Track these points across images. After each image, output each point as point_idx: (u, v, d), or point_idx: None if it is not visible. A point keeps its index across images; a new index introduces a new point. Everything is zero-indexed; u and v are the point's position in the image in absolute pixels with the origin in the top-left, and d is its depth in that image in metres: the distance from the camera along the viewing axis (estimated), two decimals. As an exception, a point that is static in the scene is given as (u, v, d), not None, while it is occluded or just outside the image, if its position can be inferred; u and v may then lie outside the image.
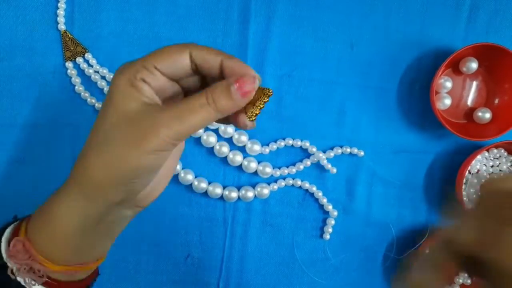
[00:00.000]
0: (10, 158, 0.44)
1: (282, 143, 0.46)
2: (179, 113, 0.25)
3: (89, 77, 0.44)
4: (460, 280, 0.49)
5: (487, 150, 0.47)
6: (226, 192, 0.46)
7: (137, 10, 0.45)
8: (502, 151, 0.47)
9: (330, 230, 0.47)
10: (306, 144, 0.46)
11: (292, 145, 0.47)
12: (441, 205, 0.49)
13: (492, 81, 0.47)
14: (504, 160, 0.48)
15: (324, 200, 0.47)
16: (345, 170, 0.48)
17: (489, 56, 0.45)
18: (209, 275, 0.47)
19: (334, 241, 0.48)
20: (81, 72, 0.44)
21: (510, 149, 0.47)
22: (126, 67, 0.27)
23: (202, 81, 0.29)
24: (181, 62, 0.27)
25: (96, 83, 0.44)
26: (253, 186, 0.46)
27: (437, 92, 0.47)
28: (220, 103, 0.25)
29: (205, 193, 0.46)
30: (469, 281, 0.48)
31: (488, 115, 0.47)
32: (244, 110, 0.27)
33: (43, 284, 0.29)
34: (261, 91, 0.27)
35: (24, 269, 0.28)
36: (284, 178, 0.47)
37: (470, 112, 0.48)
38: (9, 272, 0.28)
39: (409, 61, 0.47)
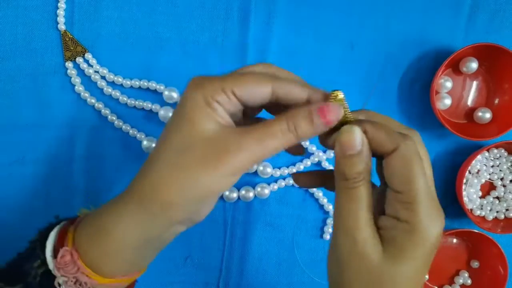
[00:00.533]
0: (10, 158, 0.44)
1: (282, 143, 0.46)
2: (260, 137, 0.25)
3: (89, 77, 0.44)
4: (461, 280, 0.49)
5: (487, 150, 0.47)
6: (226, 192, 0.46)
7: (137, 10, 0.45)
8: (502, 151, 0.47)
9: (330, 230, 0.47)
10: (306, 143, 0.46)
11: (292, 145, 0.47)
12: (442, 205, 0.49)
13: (492, 81, 0.47)
14: (504, 160, 0.48)
15: (324, 200, 0.47)
16: (345, 170, 0.47)
17: (489, 56, 0.45)
18: (209, 276, 0.47)
19: (334, 241, 0.48)
20: (81, 72, 0.44)
21: (510, 149, 0.47)
22: (204, 83, 0.26)
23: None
24: (261, 94, 0.26)
25: (96, 83, 0.44)
26: (253, 186, 0.46)
27: (437, 92, 0.47)
28: (301, 130, 0.25)
29: (205, 193, 0.46)
30: (469, 281, 0.48)
31: (488, 115, 0.47)
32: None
33: None
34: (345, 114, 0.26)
35: (72, 281, 0.28)
36: (284, 178, 0.47)
37: (470, 112, 0.48)
38: (55, 284, 0.28)
39: (409, 61, 0.47)
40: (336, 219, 0.26)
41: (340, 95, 0.26)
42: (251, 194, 0.46)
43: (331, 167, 0.47)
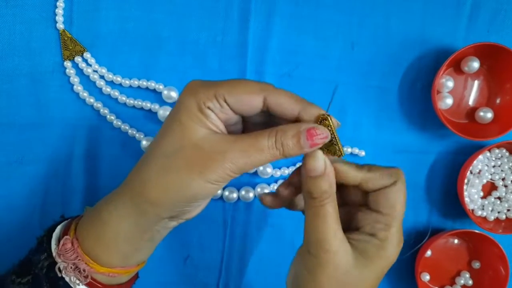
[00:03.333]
0: (9, 158, 0.44)
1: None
2: (246, 149, 0.26)
3: (88, 76, 0.44)
4: (462, 281, 0.48)
5: (489, 150, 0.47)
6: (226, 193, 0.45)
7: (136, 9, 0.44)
8: (504, 151, 0.47)
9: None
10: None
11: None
12: (443, 205, 0.49)
13: (494, 80, 0.47)
14: (505, 160, 0.47)
15: (324, 201, 0.47)
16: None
17: (490, 55, 0.45)
18: (208, 276, 0.47)
19: (335, 242, 0.47)
20: (79, 71, 0.44)
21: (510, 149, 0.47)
22: (198, 89, 0.27)
23: (267, 115, 0.30)
24: (252, 103, 0.27)
25: (94, 82, 0.44)
26: (253, 186, 0.46)
27: (438, 92, 0.47)
28: (287, 148, 0.26)
29: (205, 193, 0.46)
30: (470, 282, 0.48)
31: (489, 115, 0.46)
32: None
33: (86, 284, 0.30)
34: (337, 146, 0.28)
35: (71, 267, 0.29)
36: (284, 178, 0.47)
37: (471, 112, 0.48)
38: (56, 269, 0.30)
39: (410, 60, 0.47)
40: (307, 235, 0.28)
41: (330, 120, 0.27)
42: (251, 194, 0.45)
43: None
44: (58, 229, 0.32)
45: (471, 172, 0.47)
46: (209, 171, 0.26)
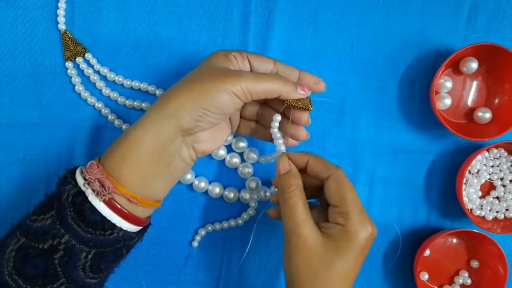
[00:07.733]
0: (10, 158, 0.44)
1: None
2: (258, 75, 0.34)
3: (89, 77, 0.44)
4: (460, 280, 0.49)
5: (487, 150, 0.47)
6: (226, 192, 0.46)
7: (137, 10, 0.45)
8: (502, 151, 0.47)
9: (330, 230, 0.47)
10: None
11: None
12: (442, 205, 0.49)
13: (492, 81, 0.47)
14: (504, 160, 0.48)
15: (324, 200, 0.47)
16: (345, 170, 0.47)
17: (489, 56, 0.45)
18: (209, 275, 0.47)
19: (334, 241, 0.48)
20: (81, 72, 0.45)
21: (510, 149, 0.47)
22: (224, 50, 0.36)
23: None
24: (267, 64, 0.37)
25: (95, 83, 0.44)
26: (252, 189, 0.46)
27: (437, 92, 0.47)
28: (288, 84, 0.35)
29: (205, 193, 0.46)
30: (469, 281, 0.48)
31: (488, 115, 0.46)
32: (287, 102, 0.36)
33: (108, 202, 0.32)
34: (309, 102, 0.37)
35: (97, 185, 0.32)
36: (284, 178, 0.47)
37: (470, 112, 0.48)
38: (82, 186, 0.32)
39: (409, 61, 0.47)
40: (284, 226, 0.35)
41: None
42: (248, 196, 0.46)
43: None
44: (80, 167, 0.34)
45: (469, 172, 0.48)
46: (229, 82, 0.32)
